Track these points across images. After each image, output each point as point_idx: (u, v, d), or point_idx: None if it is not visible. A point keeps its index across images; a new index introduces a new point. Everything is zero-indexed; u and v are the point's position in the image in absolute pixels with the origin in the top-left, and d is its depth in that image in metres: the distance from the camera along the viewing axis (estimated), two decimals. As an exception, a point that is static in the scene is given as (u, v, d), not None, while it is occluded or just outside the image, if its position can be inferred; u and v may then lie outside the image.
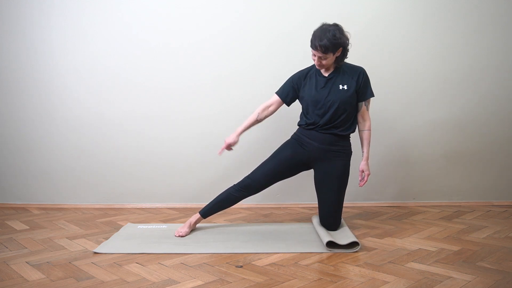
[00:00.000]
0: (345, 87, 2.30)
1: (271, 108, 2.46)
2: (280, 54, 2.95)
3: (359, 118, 2.39)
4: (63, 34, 2.94)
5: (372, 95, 2.37)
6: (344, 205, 2.43)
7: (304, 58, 2.96)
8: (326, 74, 2.34)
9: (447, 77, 2.99)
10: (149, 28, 2.93)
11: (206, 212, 2.41)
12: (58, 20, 2.93)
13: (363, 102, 2.36)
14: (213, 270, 1.83)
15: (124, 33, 2.94)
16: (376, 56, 2.95)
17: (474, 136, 3.04)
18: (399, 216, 2.76)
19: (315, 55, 2.26)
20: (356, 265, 1.87)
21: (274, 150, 2.45)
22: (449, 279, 1.70)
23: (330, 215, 2.33)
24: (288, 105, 2.47)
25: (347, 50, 2.31)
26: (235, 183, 2.41)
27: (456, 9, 2.93)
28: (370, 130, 2.40)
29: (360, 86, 2.32)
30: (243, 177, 2.41)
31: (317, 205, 2.44)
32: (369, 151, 2.42)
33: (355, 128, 2.40)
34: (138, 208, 3.03)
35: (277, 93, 2.47)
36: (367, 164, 2.40)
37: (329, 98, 2.28)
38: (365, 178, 2.40)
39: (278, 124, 2.91)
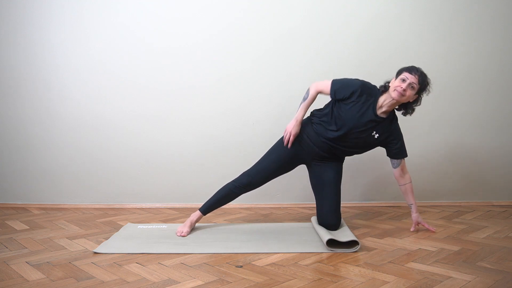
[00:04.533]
0: (376, 136, 2.29)
1: None
2: (280, 55, 2.95)
3: (400, 172, 2.38)
4: (64, 34, 2.95)
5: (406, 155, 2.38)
6: (344, 205, 2.44)
7: (304, 58, 2.97)
8: (378, 113, 2.26)
9: (448, 77, 2.99)
10: (149, 29, 2.94)
11: (207, 209, 2.42)
12: (59, 20, 2.93)
13: (402, 160, 2.37)
14: (213, 270, 1.83)
15: (125, 34, 2.94)
16: (377, 56, 2.95)
17: (474, 136, 3.05)
18: (399, 216, 2.76)
19: (404, 80, 2.17)
20: (356, 265, 1.87)
21: (273, 144, 2.45)
22: (449, 279, 1.70)
23: (331, 213, 2.34)
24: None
25: (418, 103, 2.28)
26: (234, 179, 2.41)
27: (456, 9, 2.94)
28: (411, 182, 2.41)
29: (392, 144, 2.32)
30: (241, 173, 2.42)
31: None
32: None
33: None
34: (138, 208, 3.03)
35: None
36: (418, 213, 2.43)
37: (358, 141, 2.28)
38: (426, 224, 2.41)
39: (276, 122, 2.91)
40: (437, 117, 3.00)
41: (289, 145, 2.34)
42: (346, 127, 2.26)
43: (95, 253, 2.05)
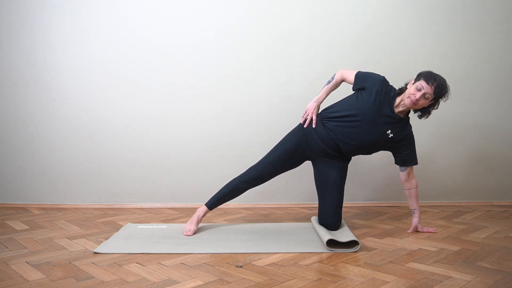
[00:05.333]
0: (390, 135, 2.28)
1: None
2: (280, 55, 2.96)
3: (405, 177, 2.38)
4: (64, 34, 2.95)
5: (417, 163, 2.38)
6: (344, 205, 2.44)
7: (304, 58, 2.97)
8: (395, 111, 2.28)
9: (447, 78, 2.98)
10: (149, 29, 2.94)
11: (213, 204, 2.43)
12: (59, 20, 2.93)
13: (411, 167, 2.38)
14: (213, 270, 1.83)
15: (125, 34, 2.94)
16: (376, 56, 2.95)
17: (474, 136, 3.05)
18: (399, 216, 2.76)
19: (420, 90, 2.17)
20: (356, 265, 1.87)
21: (279, 140, 2.45)
22: (449, 279, 1.70)
23: (332, 214, 2.34)
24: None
25: (435, 107, 2.28)
26: (241, 174, 2.41)
27: (456, 9, 2.94)
28: (417, 187, 2.41)
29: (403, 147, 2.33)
30: (248, 168, 2.42)
31: (317, 205, 2.44)
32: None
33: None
34: (138, 208, 3.03)
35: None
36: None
37: (370, 136, 2.27)
38: (425, 229, 2.40)
39: (276, 122, 2.91)
40: (436, 118, 2.99)
41: (313, 124, 2.34)
42: (361, 116, 2.25)
43: (95, 253, 2.04)
